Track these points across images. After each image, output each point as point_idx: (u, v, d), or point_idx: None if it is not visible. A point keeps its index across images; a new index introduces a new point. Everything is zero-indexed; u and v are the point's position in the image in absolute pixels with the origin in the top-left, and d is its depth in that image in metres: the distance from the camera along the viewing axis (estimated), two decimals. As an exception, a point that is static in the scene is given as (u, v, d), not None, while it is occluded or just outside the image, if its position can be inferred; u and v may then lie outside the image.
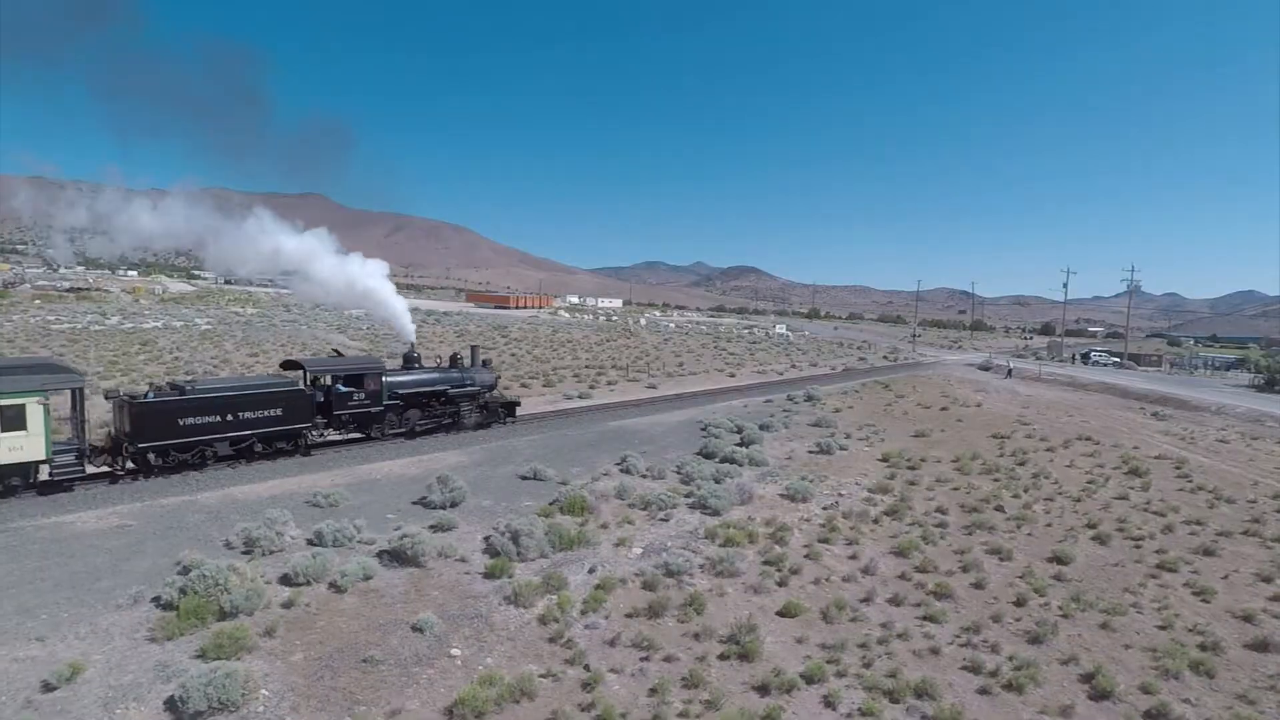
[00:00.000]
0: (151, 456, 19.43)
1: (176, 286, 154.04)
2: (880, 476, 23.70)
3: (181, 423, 19.84)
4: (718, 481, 21.54)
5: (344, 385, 24.41)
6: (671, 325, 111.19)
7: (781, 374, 56.46)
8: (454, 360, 29.49)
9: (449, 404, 27.90)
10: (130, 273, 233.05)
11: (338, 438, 24.99)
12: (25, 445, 17.21)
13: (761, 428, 30.06)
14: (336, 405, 23.98)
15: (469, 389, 28.40)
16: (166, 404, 19.70)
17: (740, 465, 24.08)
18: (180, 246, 36.12)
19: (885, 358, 74.86)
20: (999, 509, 20.56)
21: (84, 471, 18.76)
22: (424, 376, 27.46)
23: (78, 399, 18.97)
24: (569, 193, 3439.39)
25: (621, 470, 22.55)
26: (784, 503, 20.25)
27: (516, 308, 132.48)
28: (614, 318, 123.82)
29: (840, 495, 21.31)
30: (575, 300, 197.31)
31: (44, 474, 18.15)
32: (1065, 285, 77.48)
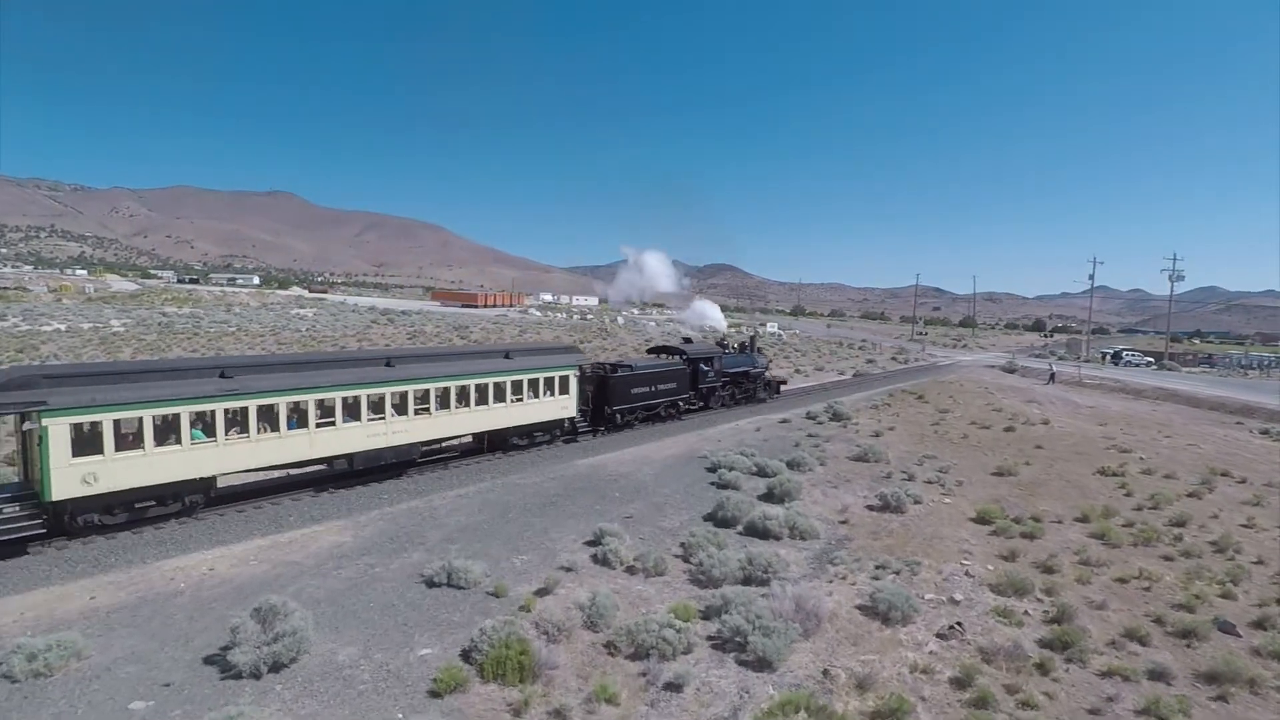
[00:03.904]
0: (618, 417, 26.77)
1: (119, 285, 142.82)
2: (992, 555, 15.48)
3: (635, 391, 27.47)
4: (751, 581, 13.20)
5: (704, 365, 31.76)
6: (652, 325, 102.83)
7: (786, 381, 48.26)
8: (752, 345, 37.64)
9: (750, 382, 35.46)
10: (80, 271, 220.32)
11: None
12: (569, 405, 24.39)
13: (790, 465, 21.74)
14: (701, 380, 31.41)
15: (760, 369, 36.36)
16: (625, 378, 26.83)
17: (778, 539, 15.76)
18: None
19: (894, 359, 67.08)
20: (1224, 627, 12.40)
21: (589, 425, 26.14)
22: (740, 358, 35.21)
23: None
24: (544, 191, 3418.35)
25: (595, 559, 14.08)
26: (871, 626, 11.90)
27: (485, 306, 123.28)
28: (589, 316, 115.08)
29: (954, 602, 13.00)
30: (549, 298, 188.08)
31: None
32: (1091, 278, 70.17)
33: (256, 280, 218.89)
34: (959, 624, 12.00)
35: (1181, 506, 19.25)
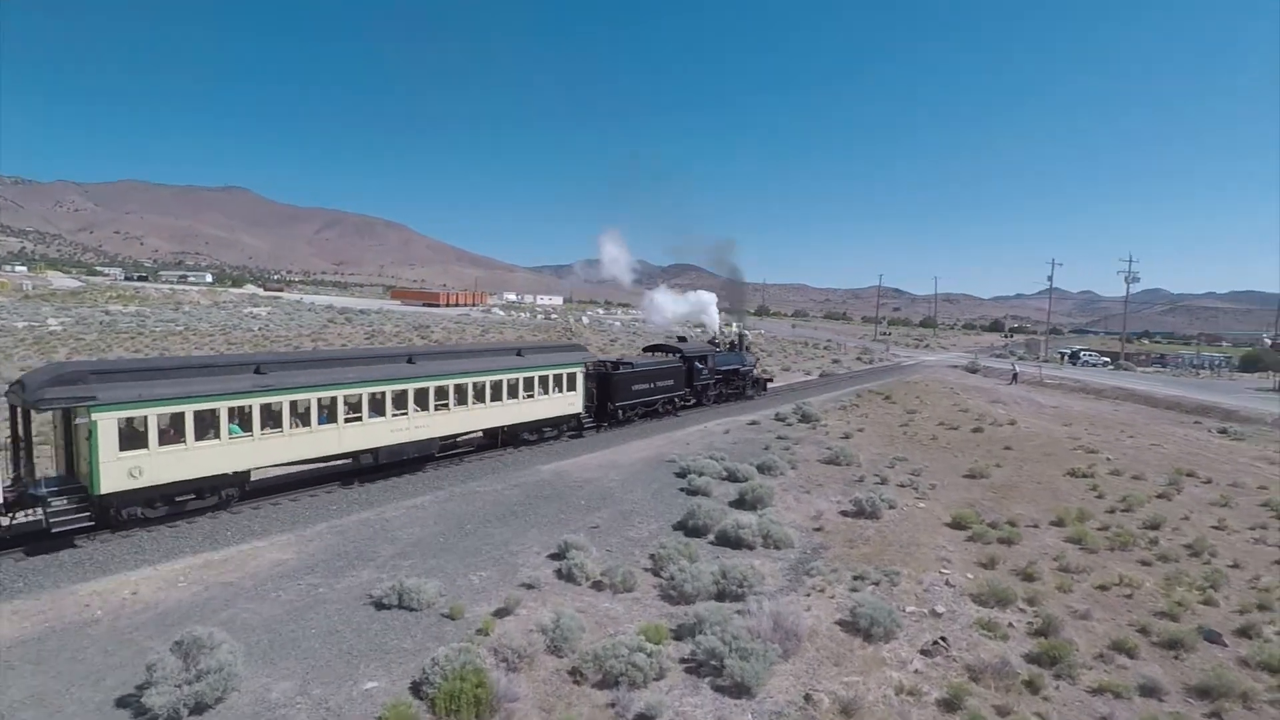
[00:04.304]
0: (620, 413, 27.83)
1: (61, 282, 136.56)
2: (971, 563, 14.99)
3: (635, 388, 28.49)
4: (725, 596, 12.46)
5: (699, 363, 32.57)
6: (618, 324, 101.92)
7: (773, 378, 48.34)
8: (740, 344, 38.74)
9: (740, 379, 36.53)
10: (20, 268, 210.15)
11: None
12: (576, 402, 25.34)
13: (761, 469, 21.11)
14: (695, 378, 32.17)
15: (749, 368, 37.58)
16: (627, 375, 27.88)
17: (752, 549, 15.06)
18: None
19: (859, 359, 67.27)
20: (1209, 637, 12.03)
21: (593, 421, 26.96)
22: (730, 356, 36.11)
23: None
24: (509, 190, 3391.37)
25: (559, 573, 13.19)
26: (853, 644, 11.23)
27: (447, 305, 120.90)
28: (554, 316, 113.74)
29: (936, 615, 12.42)
30: (512, 298, 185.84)
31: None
32: (1050, 280, 71.41)
33: (209, 278, 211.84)
34: (943, 639, 11.41)
35: (1153, 508, 19.10)
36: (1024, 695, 10.09)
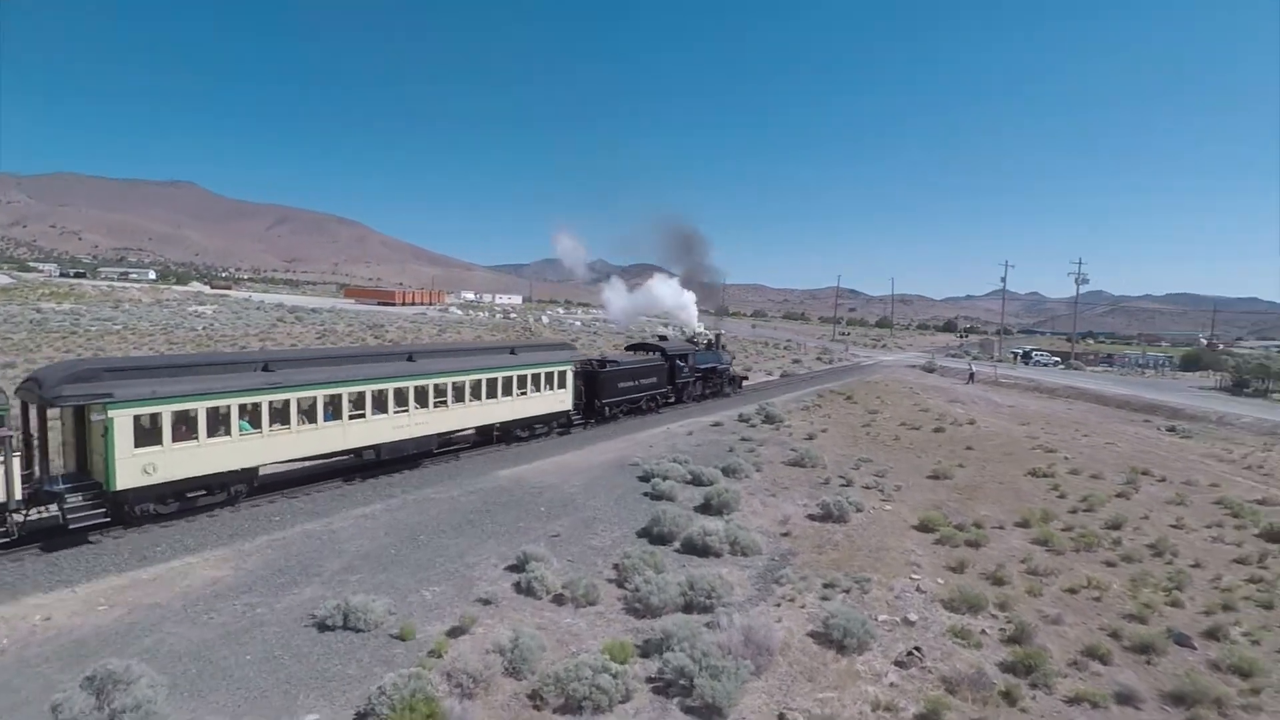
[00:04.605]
0: (606, 410, 28.34)
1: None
2: (941, 567, 14.74)
3: (620, 385, 29.09)
4: (693, 608, 11.94)
5: (680, 361, 33.01)
6: (578, 324, 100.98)
7: (748, 376, 48.39)
8: (718, 342, 39.46)
9: (718, 377, 37.18)
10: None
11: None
12: (566, 399, 25.87)
13: (726, 472, 20.69)
14: (677, 375, 32.73)
15: (726, 365, 38.26)
16: (612, 373, 28.52)
17: (719, 556, 14.58)
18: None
19: (820, 359, 67.65)
20: (1179, 640, 11.93)
21: (581, 418, 27.42)
22: (709, 355, 36.74)
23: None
24: (467, 188, 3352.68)
25: (518, 587, 12.49)
26: (826, 657, 10.79)
27: (403, 304, 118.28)
28: (512, 315, 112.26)
29: (909, 623, 12.08)
30: (470, 296, 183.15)
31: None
32: (1003, 281, 72.86)
33: (152, 274, 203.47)
34: (918, 649, 11.06)
35: (1114, 508, 19.23)
36: (1001, 707, 9.78)
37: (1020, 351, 75.45)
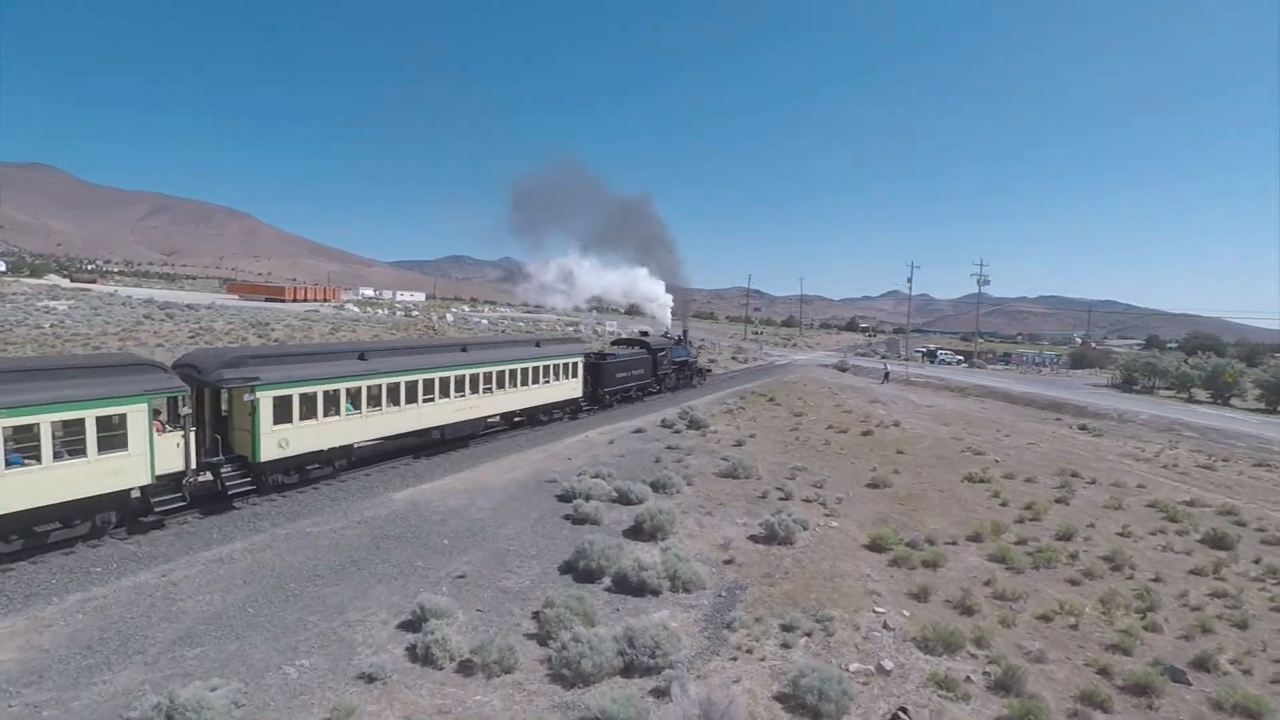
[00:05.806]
0: (607, 397, 31.44)
1: None
2: (902, 595, 13.16)
3: (618, 376, 32.52)
4: (634, 670, 9.75)
5: (661, 355, 37.36)
6: (484, 322, 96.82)
7: (711, 369, 50.49)
8: (684, 337, 43.41)
9: (689, 369, 40.99)
10: None
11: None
12: (577, 388, 28.87)
13: (655, 488, 18.63)
14: (659, 368, 37.08)
15: (693, 359, 42.43)
16: (612, 365, 31.78)
17: (657, 594, 12.44)
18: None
19: (734, 359, 66.92)
20: (1175, 676, 10.71)
21: (588, 404, 30.50)
22: (680, 349, 40.58)
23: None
24: (366, 181, 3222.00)
25: (413, 653, 9.90)
26: (800, 729, 8.82)
27: (294, 300, 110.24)
28: (415, 312, 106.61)
29: (884, 672, 10.31)
30: (370, 293, 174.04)
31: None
32: (909, 282, 74.30)
33: (2, 266, 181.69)
34: (904, 710, 9.27)
35: (1058, 515, 18.51)
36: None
37: (925, 350, 77.73)
